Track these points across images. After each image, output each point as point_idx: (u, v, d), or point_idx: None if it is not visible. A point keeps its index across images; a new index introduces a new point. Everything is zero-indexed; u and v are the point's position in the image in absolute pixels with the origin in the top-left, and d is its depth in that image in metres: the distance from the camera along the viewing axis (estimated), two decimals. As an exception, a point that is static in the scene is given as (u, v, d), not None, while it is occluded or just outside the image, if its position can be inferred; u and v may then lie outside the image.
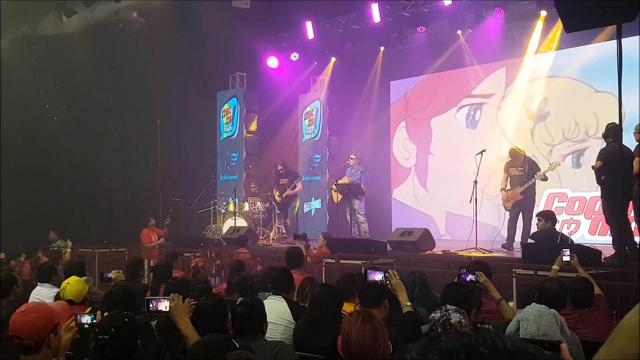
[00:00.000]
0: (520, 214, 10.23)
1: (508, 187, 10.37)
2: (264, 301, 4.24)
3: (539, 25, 12.28)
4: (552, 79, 12.59)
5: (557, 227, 8.81)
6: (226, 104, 16.49)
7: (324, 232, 10.54)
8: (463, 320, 3.22)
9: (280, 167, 14.20)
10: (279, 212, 14.13)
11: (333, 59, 15.41)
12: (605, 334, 4.79)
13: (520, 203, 10.18)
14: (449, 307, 3.30)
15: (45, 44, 14.18)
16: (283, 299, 4.93)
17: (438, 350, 0.68)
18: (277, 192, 14.01)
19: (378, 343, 2.94)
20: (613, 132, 7.99)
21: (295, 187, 13.82)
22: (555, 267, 5.95)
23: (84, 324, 3.64)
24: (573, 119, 12.24)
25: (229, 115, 16.42)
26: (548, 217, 8.31)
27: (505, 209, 10.39)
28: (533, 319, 3.21)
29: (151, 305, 3.65)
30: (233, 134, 16.14)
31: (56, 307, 3.83)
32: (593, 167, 8.44)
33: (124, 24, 14.27)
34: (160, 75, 14.61)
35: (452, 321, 3.16)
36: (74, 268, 6.32)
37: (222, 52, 15.02)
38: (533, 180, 10.11)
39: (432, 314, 3.28)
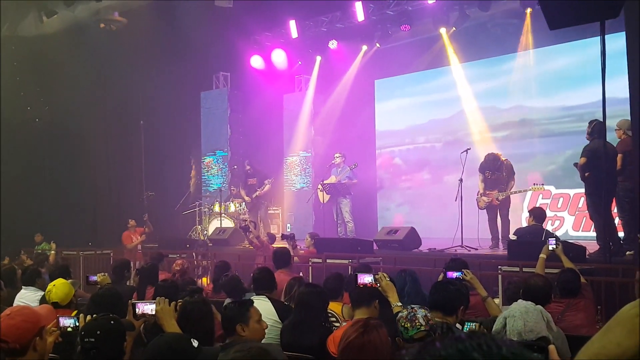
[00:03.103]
0: (498, 212, 10.33)
1: (482, 190, 10.45)
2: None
3: (523, 22, 12.36)
4: (536, 75, 12.67)
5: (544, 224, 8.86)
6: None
7: (311, 232, 10.55)
8: (428, 314, 3.30)
9: (247, 167, 14.08)
10: (247, 212, 13.83)
11: (319, 58, 15.39)
12: (592, 320, 5.06)
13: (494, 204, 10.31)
14: (413, 306, 3.36)
15: (26, 44, 14.02)
16: (267, 299, 4.93)
17: (432, 356, 0.68)
18: (244, 192, 13.92)
19: (377, 354, 2.93)
20: (597, 129, 8.06)
21: (264, 187, 13.71)
22: (542, 255, 6.05)
23: (67, 327, 3.61)
24: (558, 115, 12.34)
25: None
26: (537, 214, 8.36)
27: (479, 208, 10.47)
28: (519, 315, 3.23)
29: (137, 309, 3.63)
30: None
31: (41, 311, 3.78)
32: (575, 165, 8.51)
33: (105, 23, 14.17)
34: (143, 75, 14.49)
35: (418, 315, 3.20)
36: (59, 271, 6.27)
37: (206, 52, 14.94)
38: (513, 192, 10.24)
39: (400, 314, 3.31)
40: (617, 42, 8.75)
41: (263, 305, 4.53)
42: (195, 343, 2.68)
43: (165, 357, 2.58)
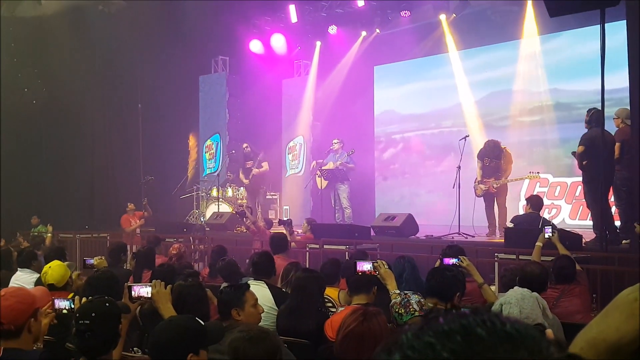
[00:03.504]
0: (495, 200, 10.34)
1: (480, 178, 10.45)
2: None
3: (524, 9, 12.29)
4: (537, 62, 12.61)
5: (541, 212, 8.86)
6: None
7: (308, 218, 10.55)
8: (422, 300, 3.32)
9: (247, 148, 13.96)
10: (246, 197, 13.92)
11: (319, 43, 15.32)
12: (587, 306, 5.08)
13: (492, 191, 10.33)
14: (406, 292, 3.36)
15: (24, 26, 13.91)
16: (265, 284, 4.92)
17: (434, 331, 0.67)
18: (243, 175, 13.91)
19: (377, 345, 2.93)
20: (595, 118, 8.04)
21: (261, 166, 13.66)
22: (538, 243, 6.09)
23: (62, 309, 3.61)
24: (554, 103, 12.32)
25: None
26: (534, 202, 8.37)
27: (477, 195, 10.50)
28: (515, 302, 3.24)
29: (133, 292, 3.62)
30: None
31: (36, 292, 3.78)
32: (573, 153, 8.50)
33: (103, 5, 14.07)
34: (142, 58, 14.42)
35: (412, 301, 3.21)
36: (54, 253, 6.25)
37: (205, 35, 14.88)
38: (510, 180, 10.24)
39: (393, 300, 3.31)
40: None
41: (260, 291, 4.52)
42: (201, 321, 2.71)
43: (182, 338, 2.60)
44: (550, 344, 0.67)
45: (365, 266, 4.23)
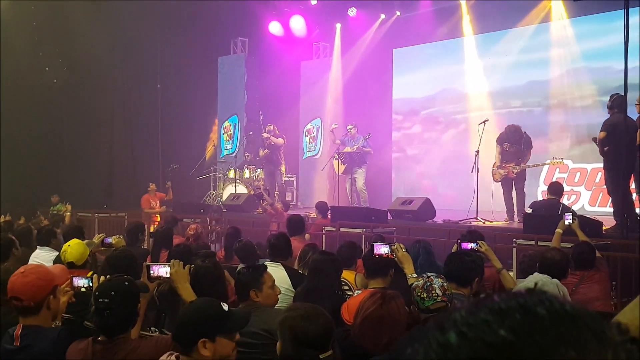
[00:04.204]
0: (513, 185, 10.24)
1: (499, 163, 10.34)
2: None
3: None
4: (556, 48, 12.45)
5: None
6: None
7: (317, 203, 10.39)
8: (445, 284, 3.25)
9: (270, 127, 13.96)
10: (263, 179, 13.97)
11: (339, 25, 15.22)
12: (606, 293, 5.07)
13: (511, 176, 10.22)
14: (429, 274, 3.31)
15: (45, 5, 13.97)
16: (281, 266, 4.91)
17: (490, 310, 0.64)
18: (261, 149, 13.94)
19: (395, 328, 2.92)
20: (618, 103, 7.90)
21: (278, 139, 13.64)
22: (558, 230, 6.01)
23: (80, 287, 3.63)
24: (577, 89, 12.16)
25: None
26: (555, 189, 8.28)
27: (495, 181, 10.39)
28: (535, 288, 3.20)
29: (152, 271, 3.64)
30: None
31: (55, 270, 3.81)
32: (594, 139, 8.39)
33: (124, -14, 14.05)
34: (161, 39, 14.44)
35: (435, 285, 3.17)
36: (72, 231, 6.30)
37: (224, 17, 14.83)
38: (530, 165, 10.13)
39: (415, 282, 3.27)
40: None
41: (277, 272, 4.52)
42: (225, 307, 2.68)
43: (196, 320, 2.59)
44: (612, 326, 0.65)
45: (382, 249, 4.20)
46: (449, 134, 14.21)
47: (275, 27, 15.70)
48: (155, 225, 10.50)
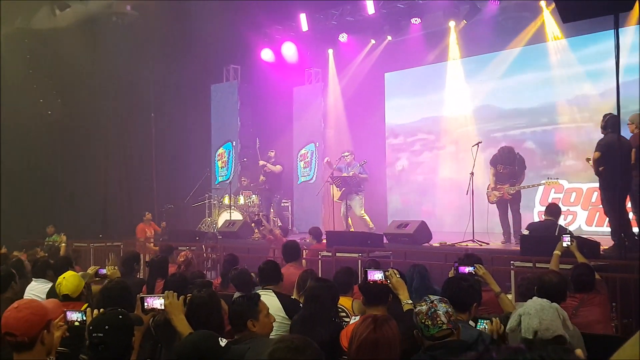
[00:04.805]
0: (509, 207, 10.23)
1: (493, 184, 10.35)
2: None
3: (536, 16, 12.24)
4: (546, 70, 12.53)
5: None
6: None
7: (310, 228, 10.37)
8: (449, 310, 3.18)
9: (271, 153, 14.00)
10: (258, 205, 13.99)
11: (331, 51, 15.34)
12: (607, 315, 5.03)
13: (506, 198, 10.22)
14: (432, 297, 3.24)
15: (39, 37, 14.06)
16: (273, 293, 4.86)
17: None
18: (261, 175, 13.97)
19: (391, 351, 2.89)
20: (612, 123, 7.95)
21: (275, 167, 13.70)
22: (556, 252, 5.98)
23: (73, 321, 3.59)
24: (568, 109, 12.23)
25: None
26: (552, 211, 8.27)
27: (490, 202, 10.39)
28: (535, 313, 3.16)
29: (146, 304, 3.60)
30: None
31: (48, 305, 3.76)
32: (588, 160, 8.42)
33: (117, 17, 14.16)
34: (154, 68, 14.50)
35: (439, 312, 3.12)
36: (61, 262, 6.25)
37: (216, 45, 14.92)
38: (525, 186, 10.14)
39: (418, 307, 3.21)
40: None
41: (269, 300, 4.48)
42: (223, 342, 2.63)
43: (191, 356, 2.54)
44: None
45: (376, 275, 4.16)
46: (442, 156, 14.24)
47: (267, 54, 15.79)
48: (151, 255, 10.43)
